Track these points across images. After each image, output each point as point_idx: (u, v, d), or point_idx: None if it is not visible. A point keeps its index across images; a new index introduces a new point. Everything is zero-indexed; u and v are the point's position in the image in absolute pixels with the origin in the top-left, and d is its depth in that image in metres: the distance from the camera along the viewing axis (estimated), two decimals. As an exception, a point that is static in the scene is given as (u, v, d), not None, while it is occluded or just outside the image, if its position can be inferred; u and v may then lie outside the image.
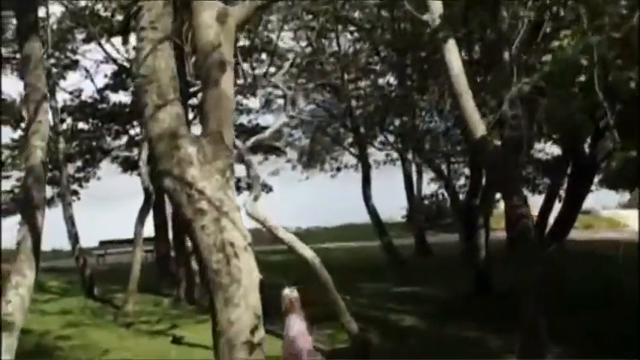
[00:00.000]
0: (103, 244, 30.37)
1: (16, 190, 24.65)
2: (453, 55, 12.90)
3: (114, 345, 17.01)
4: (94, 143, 27.89)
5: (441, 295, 21.99)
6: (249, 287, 5.91)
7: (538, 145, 26.21)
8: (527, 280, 12.38)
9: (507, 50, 14.57)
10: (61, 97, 26.73)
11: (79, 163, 28.07)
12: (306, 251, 14.78)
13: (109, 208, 36.23)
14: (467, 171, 33.26)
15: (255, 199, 15.18)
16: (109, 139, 28.25)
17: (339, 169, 39.33)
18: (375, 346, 15.81)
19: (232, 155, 6.15)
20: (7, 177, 25.02)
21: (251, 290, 5.92)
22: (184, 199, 5.85)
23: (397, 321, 19.06)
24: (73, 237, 23.52)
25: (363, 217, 39.08)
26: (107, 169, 28.74)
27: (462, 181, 35.05)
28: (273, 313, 10.25)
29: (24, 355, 10.85)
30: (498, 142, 13.46)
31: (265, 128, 28.74)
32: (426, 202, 43.77)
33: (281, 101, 32.87)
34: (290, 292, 11.57)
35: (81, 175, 27.68)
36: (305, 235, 36.86)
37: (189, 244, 22.50)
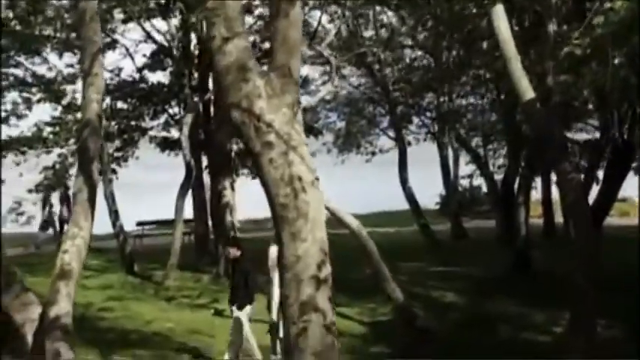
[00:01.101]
0: (141, 224, 30.44)
1: (58, 166, 24.84)
2: (501, 21, 12.84)
3: (156, 316, 17.10)
4: (132, 123, 27.97)
5: (480, 274, 21.96)
6: (316, 222, 5.87)
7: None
8: (579, 254, 12.25)
9: (551, 22, 14.49)
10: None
11: (117, 143, 28.11)
12: (352, 220, 14.77)
13: (134, 196, 36.24)
14: (504, 152, 33.22)
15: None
16: (147, 118, 28.31)
17: (373, 154, 39.19)
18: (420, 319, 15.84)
19: (299, 90, 6.09)
20: (49, 152, 25.16)
21: (318, 225, 5.88)
22: (252, 131, 5.81)
23: (439, 297, 19.06)
24: (114, 214, 23.66)
25: (396, 205, 39.09)
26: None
27: (501, 160, 34.94)
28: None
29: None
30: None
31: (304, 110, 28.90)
32: (460, 188, 43.47)
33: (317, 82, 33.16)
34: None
35: (120, 154, 27.75)
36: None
37: (228, 220, 22.77)
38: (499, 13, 12.79)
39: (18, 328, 9.33)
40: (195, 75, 25.34)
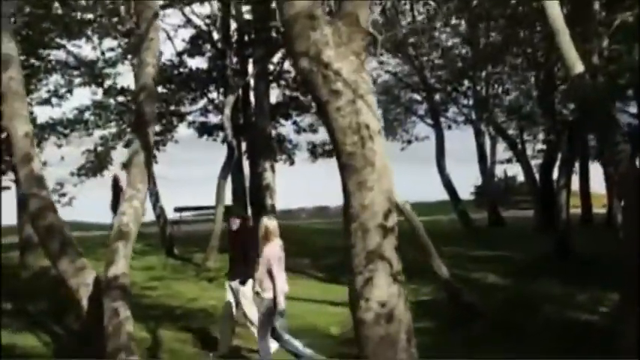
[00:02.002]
0: (179, 210, 30.60)
1: (100, 149, 25.08)
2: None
3: (199, 295, 17.19)
4: (171, 107, 28.18)
5: (520, 258, 21.88)
6: (383, 171, 5.86)
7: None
8: (628, 230, 12.09)
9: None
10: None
11: (156, 128, 28.30)
12: (397, 196, 14.67)
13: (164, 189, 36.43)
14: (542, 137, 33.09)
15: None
16: (186, 103, 28.53)
17: (409, 142, 39.19)
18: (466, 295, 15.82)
19: (367, 38, 6.08)
20: (90, 134, 25.43)
21: (384, 174, 5.87)
22: (320, 80, 5.81)
23: (480, 278, 19.02)
24: (154, 195, 23.84)
25: (428, 196, 39.14)
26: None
27: (539, 146, 34.83)
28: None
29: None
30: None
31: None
32: (495, 179, 43.37)
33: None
34: (268, 221, 11.64)
35: (159, 138, 27.91)
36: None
37: (268, 203, 22.83)
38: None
39: (73, 293, 9.43)
40: (235, 59, 25.44)
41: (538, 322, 14.30)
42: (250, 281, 12.53)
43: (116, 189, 26.09)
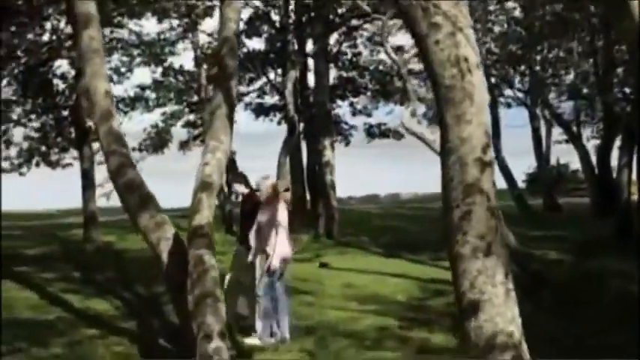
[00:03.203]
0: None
1: (160, 125, 25.37)
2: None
3: (263, 267, 17.24)
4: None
5: (581, 237, 21.72)
6: (481, 105, 5.85)
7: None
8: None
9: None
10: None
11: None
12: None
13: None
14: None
15: (412, 113, 15.20)
16: (243, 84, 28.71)
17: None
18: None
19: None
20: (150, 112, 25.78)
21: (482, 108, 5.85)
22: (419, 13, 5.81)
23: (542, 255, 18.87)
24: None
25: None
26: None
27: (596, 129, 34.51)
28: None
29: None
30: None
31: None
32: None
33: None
34: (279, 181, 11.56)
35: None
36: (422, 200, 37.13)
37: (328, 179, 22.89)
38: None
39: (154, 246, 9.56)
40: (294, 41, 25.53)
41: (604, 294, 14.21)
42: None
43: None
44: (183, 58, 48.37)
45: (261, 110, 29.40)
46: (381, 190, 42.09)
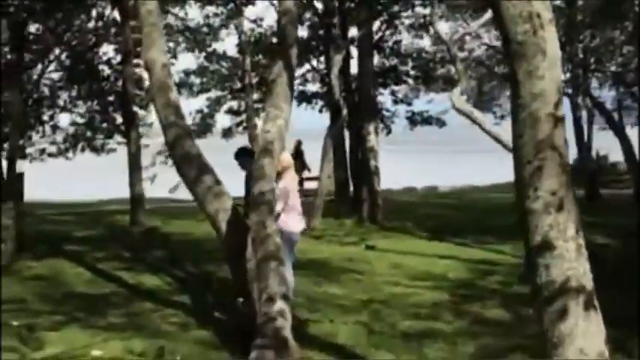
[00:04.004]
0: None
1: (205, 110, 25.55)
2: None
3: (309, 249, 17.24)
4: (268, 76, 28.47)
5: (626, 223, 21.53)
6: (553, 60, 5.85)
7: None
8: None
9: None
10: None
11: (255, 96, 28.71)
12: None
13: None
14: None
15: (462, 93, 15.21)
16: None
17: (502, 117, 38.69)
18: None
19: None
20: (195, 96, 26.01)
21: (555, 63, 5.85)
22: (492, -32, 5.84)
23: (590, 239, 18.69)
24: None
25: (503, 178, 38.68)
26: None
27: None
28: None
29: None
30: None
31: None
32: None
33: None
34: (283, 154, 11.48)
35: (259, 106, 28.30)
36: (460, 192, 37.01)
37: (372, 165, 22.92)
38: None
39: (213, 217, 9.66)
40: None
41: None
42: None
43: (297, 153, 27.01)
44: (227, 44, 48.56)
45: (303, 98, 29.48)
46: (419, 183, 41.90)
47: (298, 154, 27.81)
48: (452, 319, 10.69)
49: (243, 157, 11.96)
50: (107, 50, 24.01)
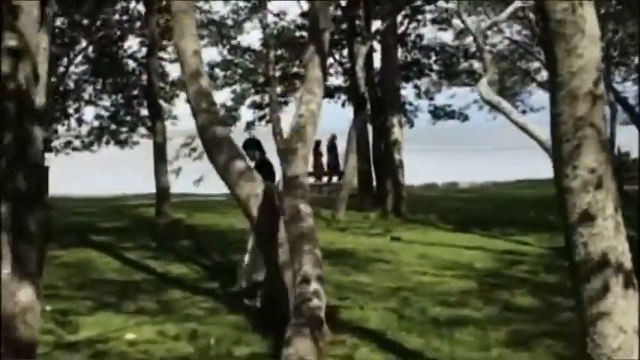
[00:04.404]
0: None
1: (229, 103, 25.57)
2: None
3: (334, 240, 17.32)
4: (293, 70, 28.61)
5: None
6: (593, 38, 5.85)
7: None
8: None
9: None
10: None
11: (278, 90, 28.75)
12: (541, 133, 14.58)
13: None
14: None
15: (490, 83, 15.20)
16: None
17: (524, 112, 38.61)
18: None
19: None
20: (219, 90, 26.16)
21: (594, 41, 5.85)
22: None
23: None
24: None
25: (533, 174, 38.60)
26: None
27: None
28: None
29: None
30: None
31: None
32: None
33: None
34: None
35: (282, 99, 28.39)
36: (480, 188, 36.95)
37: (396, 158, 22.92)
38: None
39: (244, 202, 9.69)
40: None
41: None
42: None
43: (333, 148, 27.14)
44: (250, 38, 48.74)
45: (326, 92, 29.49)
46: (439, 180, 41.89)
47: (332, 148, 27.92)
48: (481, 306, 10.71)
49: (251, 148, 12.11)
50: (132, 44, 24.15)
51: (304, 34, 27.92)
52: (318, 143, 28.08)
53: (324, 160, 29.60)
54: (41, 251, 4.46)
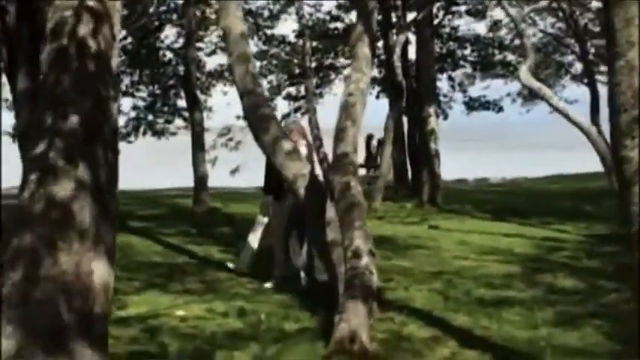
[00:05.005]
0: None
1: (266, 94, 25.67)
2: None
3: (371, 227, 17.24)
4: (328, 61, 28.71)
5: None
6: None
7: None
8: None
9: None
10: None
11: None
12: (581, 119, 14.62)
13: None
14: None
15: (530, 68, 15.21)
16: (342, 58, 28.98)
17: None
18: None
19: None
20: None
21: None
22: None
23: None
24: (319, 141, 24.22)
25: (563, 169, 38.39)
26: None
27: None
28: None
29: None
30: None
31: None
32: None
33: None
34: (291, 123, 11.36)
35: (317, 91, 28.47)
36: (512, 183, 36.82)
37: (432, 148, 22.92)
38: None
39: (291, 182, 9.79)
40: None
41: None
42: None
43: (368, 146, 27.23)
44: (285, 29, 48.88)
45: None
46: (470, 175, 41.82)
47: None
48: (525, 289, 10.70)
49: None
50: (168, 34, 24.32)
51: (339, 25, 28.07)
52: (370, 137, 28.02)
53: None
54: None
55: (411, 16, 24.82)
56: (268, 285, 10.97)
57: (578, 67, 35.98)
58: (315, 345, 7.64)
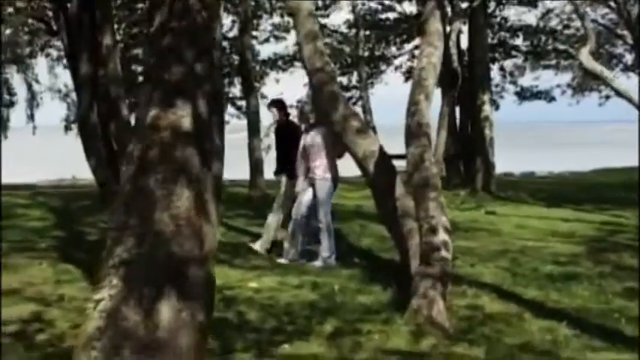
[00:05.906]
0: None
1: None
2: None
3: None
4: (378, 52, 28.77)
5: None
6: None
7: None
8: None
9: None
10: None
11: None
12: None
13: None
14: None
15: (590, 50, 15.18)
16: (393, 48, 29.05)
17: (607, 97, 38.01)
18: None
19: None
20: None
21: None
22: None
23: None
24: (371, 130, 24.39)
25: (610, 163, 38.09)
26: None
27: None
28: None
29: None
30: None
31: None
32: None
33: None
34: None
35: (368, 81, 28.59)
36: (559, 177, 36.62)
37: (487, 135, 22.88)
38: None
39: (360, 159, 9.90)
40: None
41: None
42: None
43: None
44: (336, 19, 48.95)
45: (411, 74, 29.55)
46: (516, 169, 41.73)
47: None
48: (592, 266, 10.74)
49: (273, 107, 12.36)
50: (224, 23, 24.51)
51: (390, 16, 28.11)
52: None
53: None
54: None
55: (464, 5, 24.76)
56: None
57: (629, 58, 35.54)
58: (393, 316, 7.71)
